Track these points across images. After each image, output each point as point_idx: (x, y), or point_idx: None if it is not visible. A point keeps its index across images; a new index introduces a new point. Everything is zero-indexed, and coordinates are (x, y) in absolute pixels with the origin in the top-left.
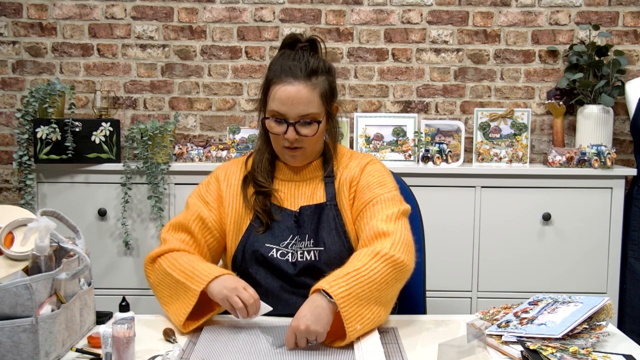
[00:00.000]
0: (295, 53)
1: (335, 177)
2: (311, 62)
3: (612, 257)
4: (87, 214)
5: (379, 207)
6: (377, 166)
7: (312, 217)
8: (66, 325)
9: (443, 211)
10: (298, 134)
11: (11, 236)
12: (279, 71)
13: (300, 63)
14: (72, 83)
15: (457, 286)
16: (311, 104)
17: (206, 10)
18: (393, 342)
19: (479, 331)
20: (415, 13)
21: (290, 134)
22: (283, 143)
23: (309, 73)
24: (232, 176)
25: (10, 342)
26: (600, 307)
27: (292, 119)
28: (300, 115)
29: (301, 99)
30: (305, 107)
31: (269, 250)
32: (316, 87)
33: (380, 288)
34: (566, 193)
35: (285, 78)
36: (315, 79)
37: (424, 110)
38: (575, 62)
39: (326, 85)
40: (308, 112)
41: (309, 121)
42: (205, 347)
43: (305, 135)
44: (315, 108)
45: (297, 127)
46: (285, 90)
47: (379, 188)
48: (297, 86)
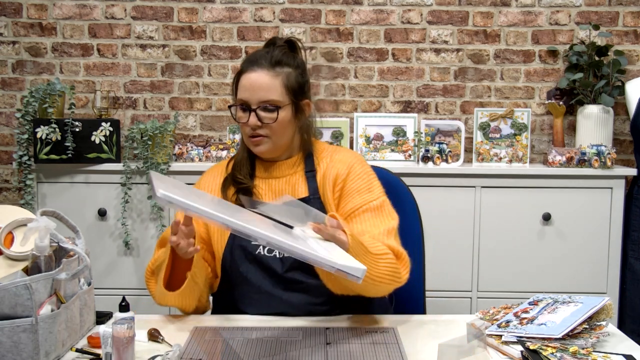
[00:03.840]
0: (265, 48)
1: (316, 171)
2: (277, 53)
3: (612, 257)
4: (87, 214)
5: (369, 214)
6: (365, 168)
7: None
8: (66, 325)
9: (443, 211)
10: (259, 120)
11: (11, 236)
12: (246, 62)
13: (266, 54)
14: (72, 83)
15: (457, 286)
16: (272, 91)
17: (206, 10)
18: (393, 342)
19: (479, 331)
20: (415, 13)
21: (251, 119)
22: (248, 132)
23: (273, 63)
24: (212, 181)
25: (10, 342)
26: (600, 307)
27: (254, 104)
28: (261, 101)
29: (262, 85)
30: (265, 93)
31: (256, 248)
32: (279, 75)
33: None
34: (566, 193)
35: (251, 67)
36: (280, 69)
37: (424, 110)
38: (575, 62)
39: (292, 78)
40: (268, 98)
41: (270, 107)
42: (201, 348)
43: (267, 122)
44: (277, 95)
45: (257, 112)
46: (248, 77)
47: (368, 194)
48: (259, 73)
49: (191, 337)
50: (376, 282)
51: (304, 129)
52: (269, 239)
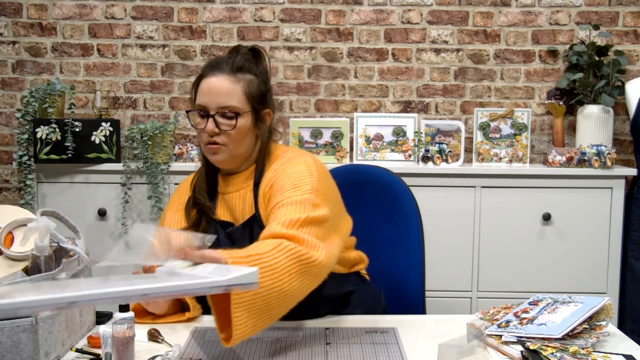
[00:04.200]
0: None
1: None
2: (238, 60)
3: (612, 257)
4: (87, 214)
5: (283, 210)
6: (298, 167)
7: (242, 239)
8: (66, 325)
9: (443, 211)
10: (217, 126)
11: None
12: (208, 67)
13: (228, 59)
14: (72, 83)
15: (457, 286)
16: (232, 97)
17: (206, 10)
18: (393, 342)
19: (479, 331)
20: (415, 13)
21: (209, 126)
22: (205, 139)
23: (234, 68)
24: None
25: (10, 342)
26: (600, 307)
27: (212, 110)
28: (220, 107)
29: (221, 90)
30: (224, 99)
31: None
32: (240, 81)
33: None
34: (566, 193)
35: (211, 71)
36: (241, 75)
37: (424, 110)
38: (575, 62)
39: (254, 86)
40: (228, 104)
41: (229, 114)
42: (201, 348)
43: (225, 129)
44: (236, 102)
45: (216, 118)
46: (208, 81)
47: (291, 191)
48: (220, 77)
49: (191, 337)
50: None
51: (262, 140)
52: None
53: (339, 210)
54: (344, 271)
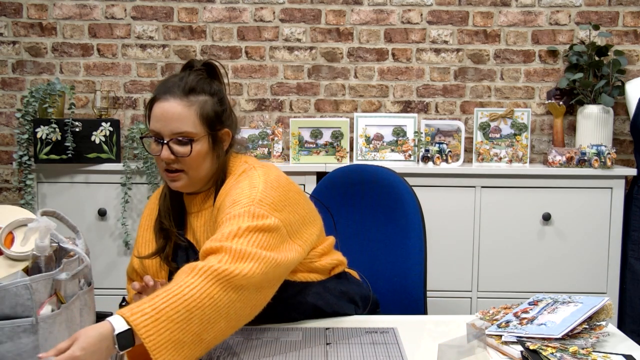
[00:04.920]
0: (180, 73)
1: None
2: (190, 80)
3: (612, 257)
4: (87, 214)
5: (220, 228)
6: (241, 184)
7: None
8: (66, 325)
9: (443, 211)
10: (173, 153)
11: (11, 236)
12: (160, 89)
13: (180, 81)
14: (72, 83)
15: (457, 286)
16: (185, 122)
17: (206, 10)
18: (393, 342)
19: (479, 331)
20: (415, 13)
21: (164, 153)
22: (162, 166)
23: (186, 91)
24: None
25: (10, 342)
26: (600, 307)
27: (167, 137)
28: (174, 133)
29: (173, 115)
30: (178, 125)
31: None
32: (193, 104)
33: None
34: (566, 193)
35: (163, 95)
36: (194, 97)
37: (424, 110)
38: (575, 62)
39: (208, 107)
40: (181, 130)
41: (184, 140)
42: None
43: (181, 156)
44: (190, 127)
45: (170, 145)
46: (160, 106)
47: (230, 207)
48: (172, 102)
49: None
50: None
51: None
52: None
53: (299, 217)
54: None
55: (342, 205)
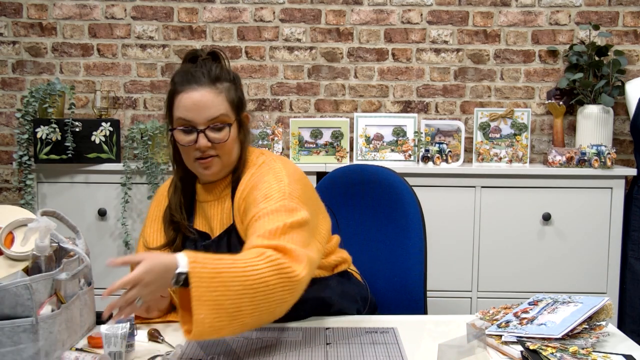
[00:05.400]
0: (198, 64)
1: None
2: (214, 69)
3: (612, 257)
4: (87, 214)
5: (260, 222)
6: (267, 177)
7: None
8: (66, 325)
9: (443, 211)
10: (209, 140)
11: (11, 236)
12: (182, 80)
13: (202, 69)
14: (72, 83)
15: (457, 286)
16: (219, 108)
17: (206, 10)
18: (393, 342)
19: (479, 331)
20: (415, 13)
21: (202, 141)
22: (194, 155)
23: (212, 79)
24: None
25: (10, 342)
26: (600, 307)
27: (202, 125)
28: (209, 120)
29: (207, 103)
30: (213, 112)
31: None
32: (221, 91)
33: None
34: (566, 193)
35: (189, 85)
36: (220, 85)
37: (424, 110)
38: (575, 62)
39: (232, 93)
40: (217, 116)
41: (220, 125)
42: (201, 348)
43: (218, 142)
44: (224, 112)
45: (207, 133)
46: (190, 96)
47: (264, 202)
48: (202, 91)
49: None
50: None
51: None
52: None
53: (316, 211)
54: (326, 274)
55: (342, 205)
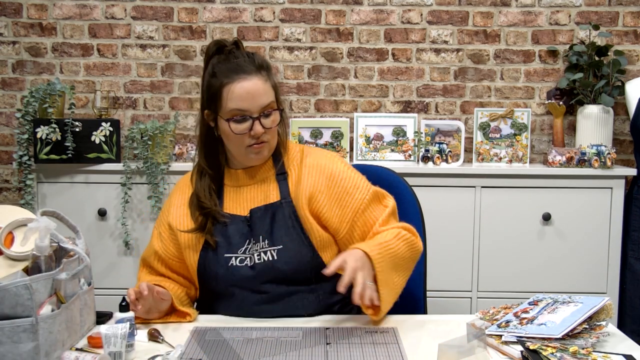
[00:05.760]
0: (231, 54)
1: (288, 174)
2: (257, 58)
3: (612, 257)
4: (87, 214)
5: (370, 210)
6: (340, 166)
7: (263, 218)
8: (66, 325)
9: (443, 211)
10: (263, 127)
11: (11, 236)
12: (228, 71)
13: (244, 59)
14: (72, 83)
15: (457, 286)
16: (269, 95)
17: (206, 10)
18: (393, 342)
19: (479, 331)
20: (415, 13)
21: (258, 128)
22: (247, 142)
23: (257, 67)
24: (180, 197)
25: (10, 342)
26: (600, 307)
27: (256, 112)
28: (262, 107)
29: (259, 91)
30: (265, 99)
31: (228, 260)
32: (267, 79)
33: (401, 262)
34: (566, 193)
35: (237, 75)
36: (264, 72)
37: (424, 110)
38: (575, 62)
39: (273, 79)
40: (268, 102)
41: (270, 111)
42: (201, 348)
43: (270, 127)
44: (272, 97)
45: (260, 120)
46: (242, 86)
47: (358, 192)
48: (253, 80)
49: (191, 337)
50: (402, 262)
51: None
52: None
53: None
54: None
55: None
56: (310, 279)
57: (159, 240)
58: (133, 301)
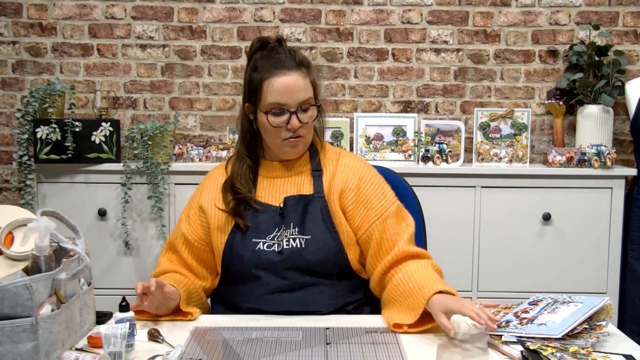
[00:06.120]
0: (273, 50)
1: (323, 170)
2: (299, 55)
3: (612, 257)
4: (87, 214)
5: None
6: (373, 172)
7: (296, 207)
8: (66, 325)
9: (443, 211)
10: (300, 121)
11: (11, 236)
12: (269, 66)
13: (286, 55)
14: (72, 83)
15: (457, 286)
16: (307, 91)
17: (206, 10)
18: (393, 342)
19: (479, 331)
20: (415, 13)
21: (295, 122)
22: (284, 135)
23: (297, 63)
24: (212, 182)
25: (10, 342)
26: (600, 307)
27: (293, 107)
28: (300, 102)
29: (298, 86)
30: (303, 94)
31: (255, 245)
32: (307, 75)
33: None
34: (566, 193)
35: (277, 70)
36: (304, 69)
37: (424, 110)
38: (575, 62)
39: (313, 76)
40: (306, 98)
41: (307, 107)
42: (201, 348)
43: (306, 122)
44: (311, 93)
45: (298, 114)
46: (282, 81)
47: (384, 200)
48: (292, 75)
49: (191, 337)
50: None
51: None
52: None
53: None
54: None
55: None
56: (333, 274)
57: (186, 224)
58: (140, 295)
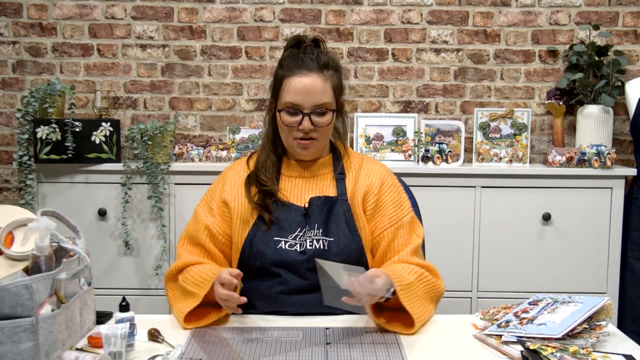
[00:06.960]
0: (303, 50)
1: (346, 174)
2: (322, 56)
3: (612, 257)
4: (87, 214)
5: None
6: (394, 180)
7: (321, 208)
8: (66, 325)
9: (443, 211)
10: (312, 124)
11: (11, 236)
12: (292, 65)
13: (312, 56)
14: (72, 83)
15: (457, 286)
16: (325, 94)
17: (206, 10)
18: (393, 342)
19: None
20: (415, 13)
21: (306, 124)
22: (296, 135)
23: (321, 66)
24: (235, 176)
25: (10, 342)
26: (600, 307)
27: (308, 109)
28: (315, 105)
29: (316, 89)
30: (320, 97)
31: (277, 243)
32: (328, 79)
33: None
34: (566, 193)
35: (299, 70)
36: (327, 72)
37: (424, 110)
38: (575, 62)
39: (336, 80)
40: (323, 102)
41: (323, 111)
42: (201, 348)
43: (320, 125)
44: (329, 98)
45: (311, 117)
46: (300, 81)
47: (400, 208)
48: (312, 77)
49: (191, 337)
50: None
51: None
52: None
53: None
54: None
55: None
56: None
57: (209, 216)
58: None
